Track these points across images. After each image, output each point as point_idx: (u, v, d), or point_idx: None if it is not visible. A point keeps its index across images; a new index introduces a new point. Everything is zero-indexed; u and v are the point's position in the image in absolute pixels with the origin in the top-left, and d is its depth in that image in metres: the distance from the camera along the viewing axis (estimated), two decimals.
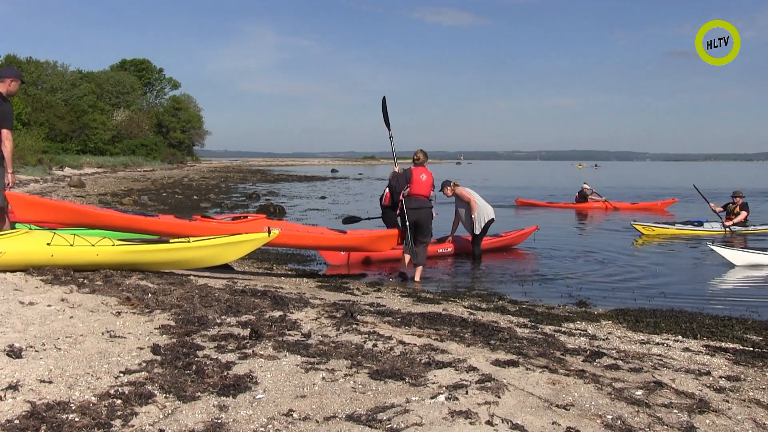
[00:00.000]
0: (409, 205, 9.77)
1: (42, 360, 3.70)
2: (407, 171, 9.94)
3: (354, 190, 39.75)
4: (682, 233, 16.13)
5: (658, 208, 25.86)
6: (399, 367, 3.89)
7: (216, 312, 5.18)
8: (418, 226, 9.81)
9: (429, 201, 9.88)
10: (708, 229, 16.43)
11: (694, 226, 16.53)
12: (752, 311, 7.82)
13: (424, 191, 9.84)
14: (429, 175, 9.96)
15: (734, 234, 16.32)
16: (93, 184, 32.00)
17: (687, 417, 3.43)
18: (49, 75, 63.94)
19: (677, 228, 16.33)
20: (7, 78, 7.31)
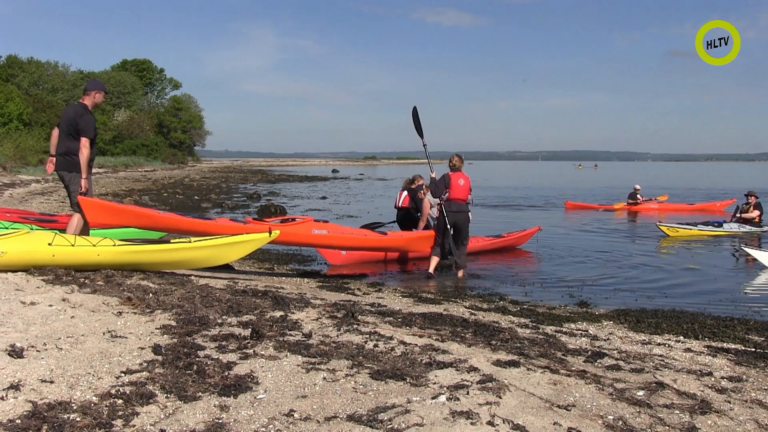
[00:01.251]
0: (449, 209, 10.12)
1: (43, 360, 3.70)
2: (445, 176, 10.23)
3: (355, 190, 39.75)
4: (704, 234, 16.37)
5: (716, 209, 25.35)
6: (400, 367, 3.89)
7: (217, 312, 5.18)
8: (456, 230, 10.16)
9: (467, 205, 10.23)
10: (727, 229, 16.73)
11: (714, 227, 16.83)
12: (754, 312, 7.82)
13: (463, 195, 10.19)
14: (466, 180, 10.31)
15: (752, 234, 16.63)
16: (94, 185, 31.89)
17: (689, 418, 3.42)
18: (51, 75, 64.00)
19: (699, 229, 16.59)
20: (92, 91, 8.01)
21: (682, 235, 16.19)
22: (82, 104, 7.94)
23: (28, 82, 60.29)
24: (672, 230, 16.25)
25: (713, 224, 17.01)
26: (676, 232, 16.22)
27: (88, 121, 7.77)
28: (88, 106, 7.94)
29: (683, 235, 16.19)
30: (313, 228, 9.82)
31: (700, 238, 16.06)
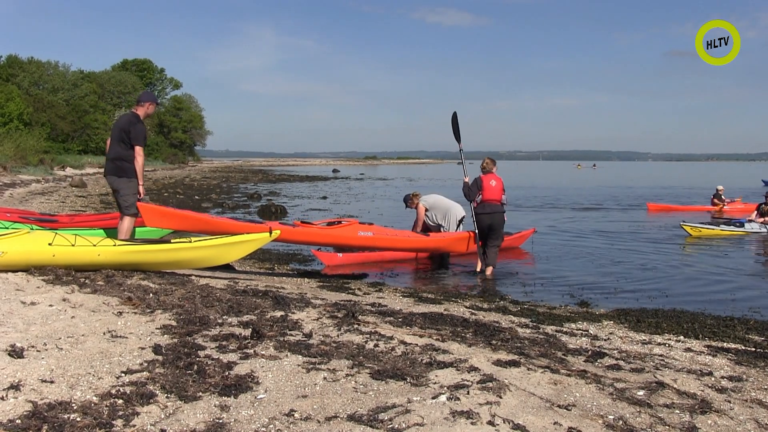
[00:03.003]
0: (483, 210, 10.47)
1: (43, 360, 3.70)
2: (477, 179, 10.56)
3: (355, 190, 39.75)
4: (726, 233, 16.47)
5: None
6: (400, 367, 3.89)
7: (217, 312, 5.18)
8: (491, 230, 10.52)
9: (502, 206, 10.61)
10: (748, 229, 16.85)
11: (736, 226, 16.97)
12: (754, 311, 7.81)
13: (497, 196, 10.51)
14: (499, 181, 10.60)
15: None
16: (94, 184, 32.01)
17: (689, 417, 3.42)
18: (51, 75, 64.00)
19: (721, 228, 16.72)
20: (146, 102, 8.40)
21: (705, 234, 16.28)
22: (135, 114, 8.30)
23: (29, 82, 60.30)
24: (695, 230, 16.35)
25: (735, 224, 17.16)
26: (699, 232, 16.31)
27: (140, 130, 8.14)
28: (140, 115, 8.30)
29: (706, 234, 16.29)
30: (359, 230, 10.13)
31: (723, 237, 16.13)
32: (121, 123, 8.23)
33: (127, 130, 8.10)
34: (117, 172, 8.15)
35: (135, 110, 8.37)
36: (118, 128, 8.20)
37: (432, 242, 10.94)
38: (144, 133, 8.26)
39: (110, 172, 8.21)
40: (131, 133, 8.08)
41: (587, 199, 31.49)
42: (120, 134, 8.12)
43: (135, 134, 8.09)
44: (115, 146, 8.16)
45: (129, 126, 8.12)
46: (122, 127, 8.15)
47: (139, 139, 8.13)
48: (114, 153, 8.16)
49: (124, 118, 8.33)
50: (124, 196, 8.15)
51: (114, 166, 8.17)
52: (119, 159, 8.12)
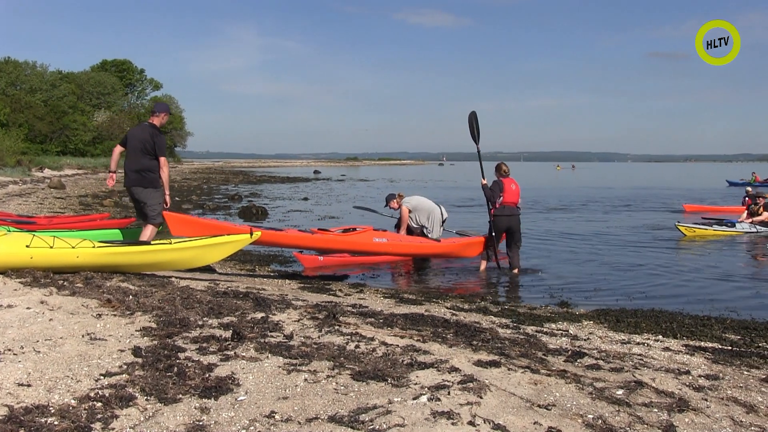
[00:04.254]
0: (503, 212, 10.76)
1: (20, 363, 3.67)
2: (499, 182, 10.84)
3: (337, 191, 39.73)
4: (719, 234, 16.66)
5: None
6: (381, 368, 3.89)
7: (198, 314, 5.16)
8: (512, 232, 10.85)
9: (519, 208, 10.98)
10: (739, 229, 17.07)
11: (728, 227, 17.18)
12: (731, 311, 7.89)
13: (516, 199, 10.87)
14: (517, 185, 10.99)
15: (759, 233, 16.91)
16: (73, 186, 31.78)
17: (667, 416, 3.45)
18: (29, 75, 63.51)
19: (714, 229, 16.90)
20: (161, 113, 8.66)
21: (698, 235, 16.48)
22: (152, 124, 8.52)
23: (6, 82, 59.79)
24: (689, 230, 16.54)
25: (727, 224, 17.36)
26: (693, 233, 16.50)
27: (163, 142, 8.48)
28: (157, 126, 8.54)
29: (699, 235, 16.49)
30: (374, 236, 10.33)
31: (715, 238, 16.31)
32: (142, 134, 8.41)
33: (151, 142, 8.32)
34: (142, 182, 8.37)
35: (151, 121, 8.58)
36: (139, 139, 8.36)
37: (445, 248, 11.10)
38: (165, 143, 8.58)
39: (134, 183, 8.38)
40: (157, 145, 8.33)
41: (566, 200, 31.67)
42: (142, 145, 8.31)
43: (159, 145, 8.37)
44: (137, 157, 8.34)
45: (152, 138, 8.34)
46: (144, 139, 8.34)
47: (163, 150, 8.43)
48: (137, 164, 8.34)
49: (144, 129, 8.50)
50: (151, 206, 8.37)
51: (139, 177, 8.36)
52: (144, 170, 8.34)
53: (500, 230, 10.82)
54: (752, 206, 18.09)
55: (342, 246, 10.23)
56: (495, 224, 10.80)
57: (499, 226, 10.79)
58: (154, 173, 8.39)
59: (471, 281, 10.27)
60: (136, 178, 8.38)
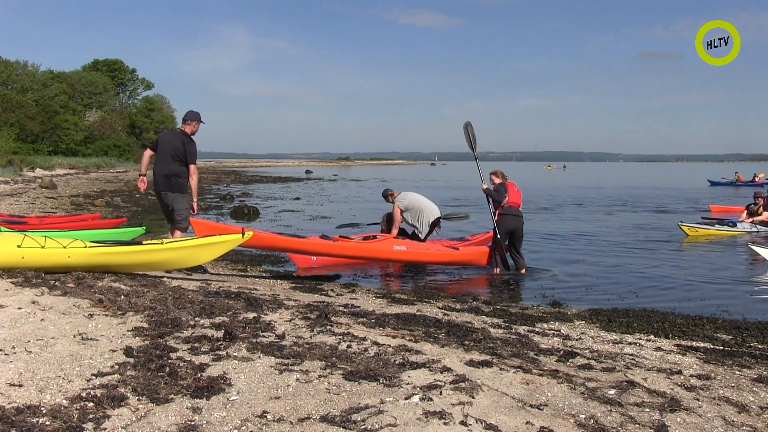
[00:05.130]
0: (509, 212, 11.02)
1: (12, 363, 3.66)
2: (503, 185, 11.17)
3: (329, 191, 39.71)
4: (721, 234, 16.76)
5: None
6: (373, 368, 3.89)
7: (189, 314, 5.15)
8: (516, 234, 11.03)
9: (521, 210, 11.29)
10: (740, 229, 17.18)
11: (729, 226, 17.27)
12: (722, 311, 7.92)
13: (519, 201, 11.22)
14: (518, 188, 11.38)
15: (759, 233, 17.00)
16: (65, 186, 31.66)
17: (659, 415, 3.46)
18: (20, 75, 63.21)
19: (716, 228, 17.02)
20: (192, 121, 8.80)
21: (701, 234, 16.57)
22: (184, 131, 8.73)
23: None
24: (692, 230, 16.64)
25: (728, 224, 17.45)
26: (695, 232, 16.61)
27: (193, 149, 8.64)
28: (188, 133, 8.72)
29: (702, 234, 16.59)
30: (394, 244, 10.38)
31: (717, 237, 16.38)
32: (173, 141, 8.60)
33: (182, 148, 8.51)
34: (170, 187, 8.56)
35: (182, 128, 8.78)
36: (170, 145, 8.56)
37: (463, 256, 11.13)
38: (196, 151, 8.71)
39: (164, 188, 8.58)
40: (187, 152, 8.52)
41: (556, 200, 31.71)
42: (173, 151, 8.51)
43: (191, 153, 8.56)
44: (168, 163, 8.53)
45: (184, 145, 8.53)
46: (175, 145, 8.54)
47: (194, 158, 8.60)
48: (167, 169, 8.53)
49: (174, 136, 8.71)
50: (179, 211, 8.57)
51: (168, 182, 8.56)
52: (174, 175, 8.54)
53: (506, 230, 10.93)
54: (752, 206, 18.14)
55: (363, 254, 10.30)
56: (501, 224, 10.91)
57: (506, 226, 10.91)
58: (182, 178, 8.56)
59: (463, 281, 10.28)
60: (164, 182, 8.56)
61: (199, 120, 8.88)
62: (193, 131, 8.81)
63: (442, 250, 11.00)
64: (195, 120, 8.84)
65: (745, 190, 42.42)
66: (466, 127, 11.90)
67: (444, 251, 10.98)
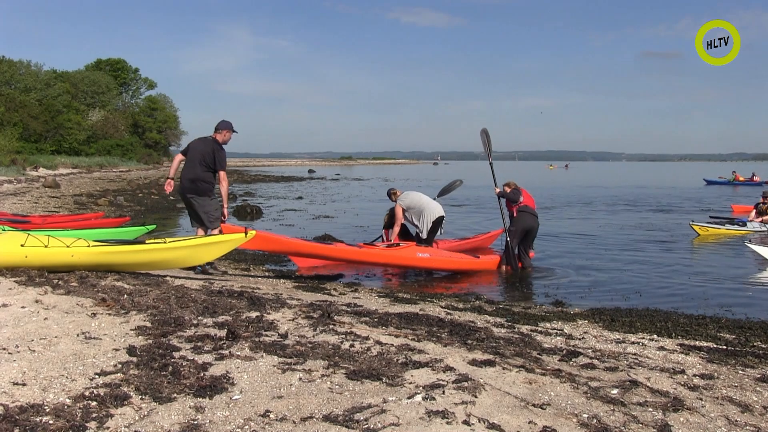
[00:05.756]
0: (528, 210, 11.28)
1: (15, 362, 3.66)
2: (518, 189, 11.50)
3: (331, 190, 39.70)
4: (731, 233, 16.74)
5: None
6: (376, 367, 3.89)
7: (192, 313, 5.15)
8: (531, 234, 11.21)
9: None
10: (750, 228, 17.19)
11: (739, 226, 17.30)
12: (726, 310, 7.91)
13: (533, 205, 11.48)
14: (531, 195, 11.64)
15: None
16: (68, 185, 31.69)
17: (662, 415, 3.46)
18: (23, 74, 63.28)
19: (726, 228, 17.02)
20: (224, 130, 8.98)
21: (711, 233, 16.58)
22: (215, 139, 8.91)
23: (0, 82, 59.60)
24: (703, 229, 16.66)
25: (738, 223, 17.47)
26: (706, 231, 16.62)
27: (223, 157, 8.87)
28: (219, 141, 8.91)
29: (713, 233, 16.59)
30: (417, 251, 10.40)
31: (727, 237, 16.35)
32: (204, 147, 8.82)
33: (211, 155, 8.74)
34: (196, 191, 8.74)
35: (214, 136, 8.94)
36: (199, 152, 8.78)
37: (485, 264, 11.17)
38: (225, 158, 8.94)
39: (190, 191, 8.76)
40: (216, 159, 8.75)
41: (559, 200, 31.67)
42: (202, 157, 8.74)
43: (220, 160, 8.78)
44: (195, 168, 8.74)
45: (214, 153, 8.76)
46: (205, 152, 8.77)
47: (224, 164, 8.85)
48: (194, 174, 8.72)
49: (205, 143, 8.89)
50: (208, 213, 8.75)
51: (193, 185, 8.73)
52: (200, 180, 8.73)
53: (524, 227, 11.06)
54: (761, 205, 18.09)
55: (387, 261, 10.34)
56: (519, 220, 11.07)
57: (525, 223, 11.06)
58: (208, 183, 8.78)
59: (465, 280, 10.27)
60: (190, 186, 8.75)
61: (231, 129, 9.06)
62: (225, 140, 8.98)
63: (464, 258, 11.05)
64: (226, 129, 9.02)
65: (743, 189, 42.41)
66: (484, 133, 12.25)
67: (466, 259, 11.03)
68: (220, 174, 8.82)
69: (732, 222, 17.56)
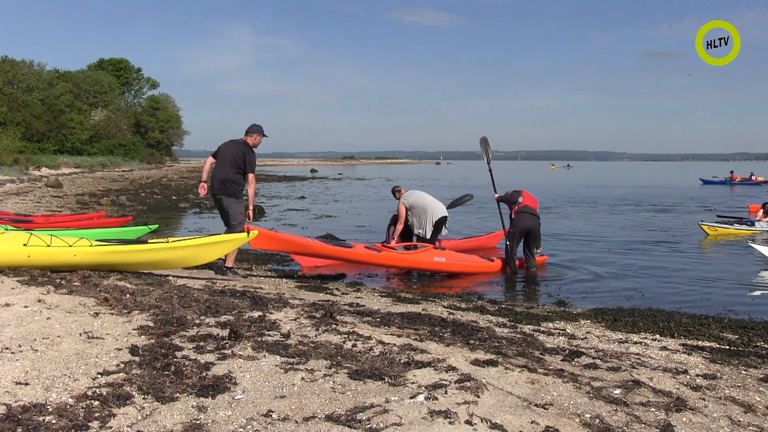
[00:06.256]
0: (527, 210, 11.15)
1: (18, 362, 3.67)
2: (517, 190, 11.49)
3: (334, 190, 39.70)
4: (740, 233, 16.72)
5: None
6: (378, 367, 3.89)
7: (195, 312, 5.16)
8: (532, 234, 11.09)
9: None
10: (758, 228, 17.14)
11: (748, 225, 17.29)
12: (728, 310, 7.90)
13: (535, 204, 11.40)
14: (532, 195, 11.58)
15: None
16: (70, 185, 31.73)
17: (664, 415, 3.45)
18: (26, 74, 63.35)
19: (735, 228, 17.01)
20: (254, 133, 9.11)
21: (720, 233, 16.57)
22: (245, 142, 9.04)
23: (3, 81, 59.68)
24: (712, 229, 16.65)
25: (746, 223, 17.46)
26: (715, 231, 16.62)
27: (253, 159, 8.99)
28: (250, 144, 9.05)
29: (722, 233, 16.58)
30: (434, 255, 10.42)
31: (736, 237, 16.33)
32: (235, 150, 8.93)
33: (242, 158, 8.85)
34: (226, 191, 8.85)
35: (245, 139, 9.07)
36: (231, 153, 8.90)
37: (499, 265, 11.15)
38: (255, 161, 9.05)
39: (220, 192, 8.87)
40: (247, 161, 8.86)
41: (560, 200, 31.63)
42: (232, 159, 8.86)
43: (250, 162, 8.88)
44: (226, 169, 8.87)
45: (244, 155, 8.87)
46: (236, 154, 8.88)
47: (253, 167, 8.94)
48: (224, 175, 8.85)
49: (236, 146, 8.99)
50: (234, 215, 8.81)
51: (223, 186, 8.85)
52: (230, 181, 8.85)
53: (522, 228, 10.96)
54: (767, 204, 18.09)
55: (405, 264, 10.39)
56: (517, 221, 10.97)
57: (523, 223, 10.96)
58: (237, 185, 8.90)
59: (468, 280, 10.26)
60: (220, 187, 8.86)
61: (261, 133, 9.18)
62: (255, 143, 9.10)
63: (479, 261, 11.04)
64: (257, 132, 9.14)
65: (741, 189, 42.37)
66: (483, 142, 12.28)
67: (482, 262, 11.03)
68: (249, 176, 8.90)
69: (740, 221, 17.54)
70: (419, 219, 11.27)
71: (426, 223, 11.22)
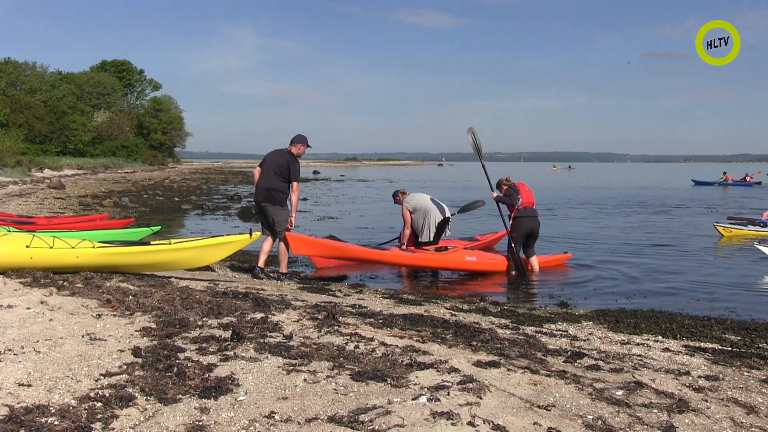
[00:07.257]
0: (526, 214, 11.05)
1: (21, 363, 3.67)
2: (515, 187, 11.23)
3: (336, 191, 39.69)
4: (753, 234, 16.69)
5: None
6: (381, 368, 3.89)
7: (197, 314, 5.16)
8: (533, 235, 11.06)
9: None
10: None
11: (761, 227, 17.22)
12: (731, 311, 7.89)
13: (533, 200, 11.30)
14: (529, 188, 11.44)
15: None
16: (73, 186, 31.76)
17: (666, 417, 3.45)
18: (28, 76, 63.47)
19: (749, 229, 16.98)
20: (299, 143, 9.33)
21: (735, 235, 16.56)
22: (290, 152, 9.27)
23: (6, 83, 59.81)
24: (726, 231, 16.65)
25: (759, 224, 17.40)
26: (730, 233, 16.61)
27: (298, 168, 9.21)
28: (294, 154, 9.26)
29: (736, 235, 16.56)
30: (465, 255, 10.58)
31: (750, 237, 16.29)
32: (280, 159, 9.16)
33: (286, 167, 9.07)
34: (270, 200, 9.07)
35: (289, 149, 9.29)
36: (276, 162, 9.13)
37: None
38: (299, 169, 9.25)
39: (265, 200, 9.10)
40: (291, 170, 9.08)
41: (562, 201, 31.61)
42: (278, 168, 9.08)
43: (294, 171, 9.11)
44: (271, 177, 9.09)
45: (289, 165, 9.09)
46: (281, 163, 9.10)
47: (297, 176, 9.16)
48: (269, 183, 9.07)
49: (281, 155, 9.20)
50: (278, 223, 9.04)
51: (269, 195, 9.07)
52: (275, 189, 9.06)
53: (523, 232, 10.92)
54: None
55: (436, 264, 10.52)
56: (518, 226, 10.90)
57: (524, 228, 10.91)
58: (282, 193, 9.10)
59: (470, 282, 10.26)
60: (266, 195, 9.07)
61: (305, 143, 9.36)
62: (299, 153, 9.29)
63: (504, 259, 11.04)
64: (301, 143, 9.32)
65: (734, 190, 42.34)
66: (470, 132, 11.87)
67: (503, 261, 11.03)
68: (294, 185, 9.09)
69: (753, 223, 17.51)
70: (422, 220, 11.23)
71: (428, 224, 11.17)
